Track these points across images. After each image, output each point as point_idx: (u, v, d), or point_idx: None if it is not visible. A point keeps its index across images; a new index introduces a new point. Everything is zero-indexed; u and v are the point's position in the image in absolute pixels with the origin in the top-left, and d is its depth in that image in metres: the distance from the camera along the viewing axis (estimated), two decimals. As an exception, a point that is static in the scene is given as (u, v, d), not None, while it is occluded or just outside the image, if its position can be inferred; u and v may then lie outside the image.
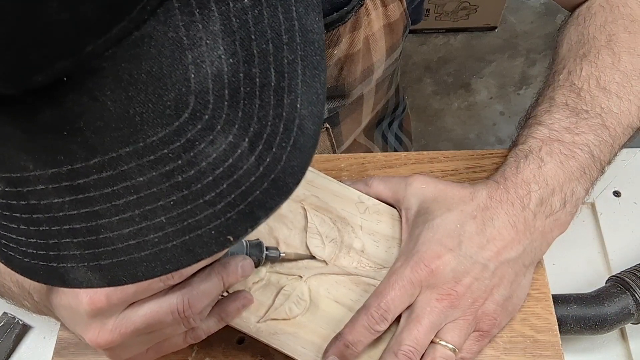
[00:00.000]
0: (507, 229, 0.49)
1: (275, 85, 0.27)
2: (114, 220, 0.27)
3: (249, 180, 0.27)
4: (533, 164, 0.51)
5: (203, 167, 0.26)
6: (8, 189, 0.27)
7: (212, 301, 0.43)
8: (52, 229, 0.27)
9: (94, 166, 0.26)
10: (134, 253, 0.27)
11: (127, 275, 0.28)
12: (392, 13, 0.64)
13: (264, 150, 0.27)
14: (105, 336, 0.40)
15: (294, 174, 0.28)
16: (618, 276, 0.57)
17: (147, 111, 0.25)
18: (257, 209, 0.27)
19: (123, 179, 0.26)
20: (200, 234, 0.27)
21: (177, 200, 0.26)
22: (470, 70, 1.88)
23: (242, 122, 0.26)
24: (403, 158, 0.62)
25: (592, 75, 0.54)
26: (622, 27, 0.56)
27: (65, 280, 0.28)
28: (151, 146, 0.25)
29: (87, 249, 0.27)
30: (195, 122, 0.26)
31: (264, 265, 0.53)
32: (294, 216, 0.55)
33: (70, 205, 0.27)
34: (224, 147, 0.26)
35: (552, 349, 0.51)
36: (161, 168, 0.26)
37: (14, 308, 0.61)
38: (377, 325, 0.48)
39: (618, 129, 0.53)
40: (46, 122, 0.25)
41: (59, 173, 0.26)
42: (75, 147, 0.25)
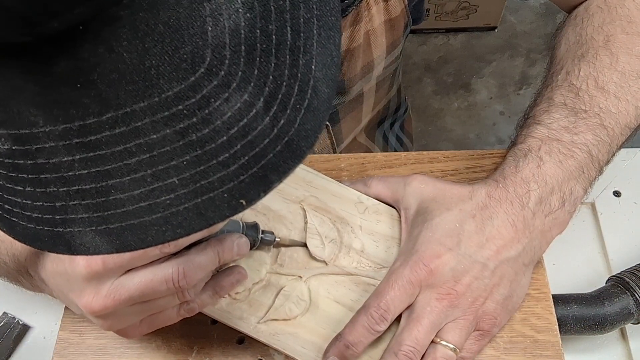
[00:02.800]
0: (507, 227, 0.49)
1: (291, 44, 0.26)
2: (125, 180, 0.26)
3: (263, 142, 0.26)
4: (532, 163, 0.51)
5: (218, 125, 0.25)
6: (15, 147, 0.26)
7: (206, 275, 0.43)
8: (59, 191, 0.26)
9: (106, 122, 0.25)
10: (144, 216, 0.26)
11: (137, 240, 0.27)
12: (393, 9, 0.64)
13: (279, 112, 0.26)
14: (99, 301, 0.39)
15: (307, 137, 0.27)
16: (618, 276, 0.57)
17: (163, 64, 0.24)
18: (270, 173, 0.26)
19: (136, 136, 0.25)
20: (212, 196, 0.26)
21: (190, 160, 0.25)
22: (470, 70, 1.88)
23: (258, 81, 0.26)
24: (403, 158, 0.62)
25: (590, 76, 0.54)
26: (620, 28, 0.56)
27: (72, 246, 0.27)
28: (166, 101, 0.25)
29: (95, 211, 0.26)
30: (211, 78, 0.25)
31: (259, 251, 0.53)
32: (294, 217, 0.56)
33: (80, 164, 0.25)
34: (239, 105, 0.25)
35: (552, 349, 0.51)
36: (175, 125, 0.25)
37: (14, 308, 0.61)
38: (377, 325, 0.48)
39: (616, 129, 0.53)
40: (60, 73, 0.24)
41: (70, 129, 0.25)
42: (89, 101, 0.24)
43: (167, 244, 0.39)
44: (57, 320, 0.56)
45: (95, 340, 0.53)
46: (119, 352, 0.53)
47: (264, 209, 0.55)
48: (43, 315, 0.62)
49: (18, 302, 0.62)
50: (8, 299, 0.62)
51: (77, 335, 0.54)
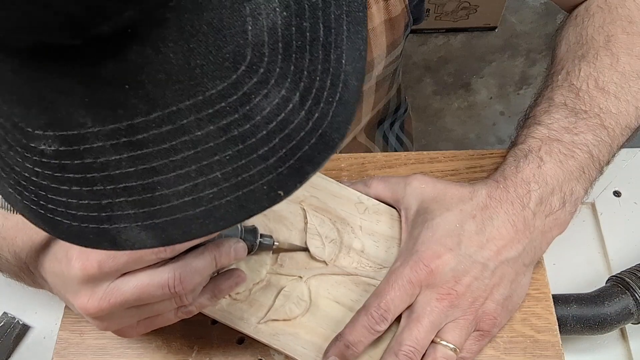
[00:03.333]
0: (507, 228, 0.49)
1: (323, 40, 0.27)
2: (170, 176, 0.26)
3: (299, 134, 0.27)
4: (533, 164, 0.51)
5: (257, 121, 0.26)
6: (62, 148, 0.26)
7: (203, 280, 0.43)
8: (106, 188, 0.27)
9: (153, 120, 0.26)
10: (188, 210, 0.27)
11: (181, 233, 0.27)
12: (394, 8, 0.64)
13: (313, 105, 0.27)
14: (94, 303, 0.40)
15: (339, 129, 0.28)
16: (618, 276, 0.57)
17: (207, 63, 0.25)
18: (306, 164, 0.27)
19: (182, 133, 0.26)
20: (252, 189, 0.27)
21: (232, 155, 0.26)
22: (470, 70, 1.88)
23: (294, 76, 0.27)
24: (403, 158, 0.62)
25: (590, 76, 0.54)
26: (621, 28, 0.56)
27: (117, 241, 0.28)
28: (210, 99, 0.26)
29: (142, 207, 0.27)
30: (252, 75, 0.26)
31: (258, 254, 0.53)
32: (294, 217, 0.56)
33: (127, 162, 0.26)
34: (277, 101, 0.26)
35: (552, 349, 0.51)
36: (219, 122, 0.26)
37: (14, 308, 0.61)
38: (377, 325, 0.48)
39: (616, 129, 0.53)
40: (108, 75, 0.25)
41: (118, 129, 0.26)
42: (136, 101, 0.25)
43: (163, 250, 0.39)
44: (57, 320, 0.56)
45: (95, 340, 0.53)
46: (119, 352, 0.53)
47: (264, 209, 0.55)
48: (43, 315, 0.62)
49: (18, 302, 0.62)
50: (8, 299, 0.62)
51: (77, 335, 0.54)
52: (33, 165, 0.27)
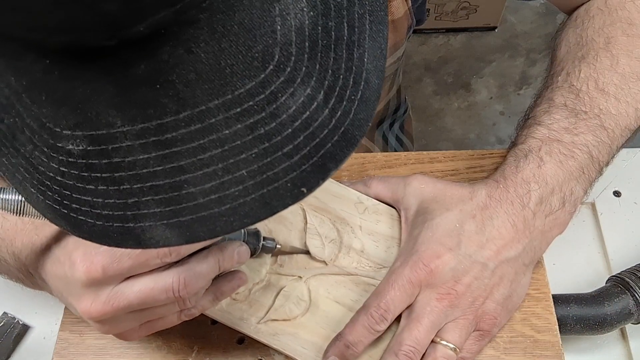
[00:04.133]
0: (507, 228, 0.49)
1: (347, 39, 0.28)
2: (197, 174, 0.27)
3: (323, 132, 0.27)
4: (533, 164, 0.51)
5: (283, 119, 0.27)
6: (90, 147, 0.27)
7: (206, 283, 0.43)
8: (133, 187, 0.27)
9: (183, 120, 0.26)
10: (214, 208, 0.27)
11: (206, 231, 0.28)
12: (396, 10, 0.64)
13: (336, 103, 0.28)
14: (97, 307, 0.40)
15: (360, 126, 0.28)
16: (618, 276, 0.57)
17: (237, 63, 0.26)
18: (328, 161, 0.28)
19: (210, 132, 0.26)
20: (277, 186, 0.27)
21: (258, 153, 0.27)
22: (470, 70, 1.88)
23: (319, 75, 0.27)
24: (403, 158, 0.62)
25: (590, 77, 0.54)
26: (620, 30, 0.57)
27: (141, 240, 0.28)
28: (238, 98, 0.26)
29: (168, 205, 0.27)
30: (279, 74, 0.26)
31: (260, 257, 0.53)
32: (293, 217, 0.56)
33: (155, 161, 0.26)
34: (303, 99, 0.27)
35: (552, 349, 0.51)
36: (246, 120, 0.26)
37: (14, 308, 0.61)
38: (377, 325, 0.48)
39: (616, 130, 0.53)
40: (140, 75, 0.25)
41: (148, 128, 0.26)
42: (167, 100, 0.26)
43: (167, 254, 0.39)
44: (57, 320, 0.56)
45: (95, 340, 0.53)
46: (118, 352, 0.53)
47: (264, 209, 0.55)
48: (43, 315, 0.62)
49: (18, 302, 0.62)
50: (8, 299, 0.62)
51: (77, 335, 0.54)
52: (59, 165, 0.27)
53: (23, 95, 0.27)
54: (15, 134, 0.28)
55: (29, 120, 0.27)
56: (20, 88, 0.26)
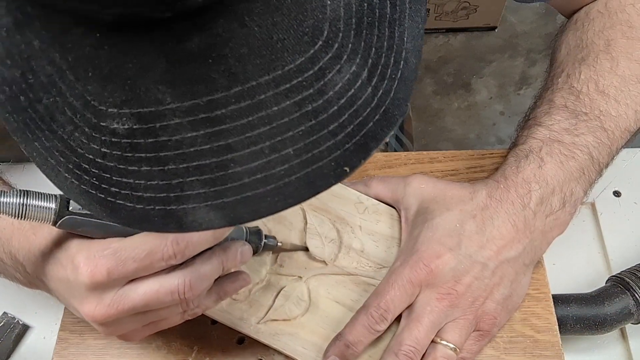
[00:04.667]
0: (507, 228, 0.49)
1: (389, 17, 0.28)
2: (244, 153, 0.26)
3: (366, 110, 0.27)
4: (533, 164, 0.51)
5: (330, 96, 0.26)
6: (137, 126, 0.26)
7: (210, 284, 0.43)
8: (179, 167, 0.27)
9: (233, 96, 0.25)
10: (259, 188, 0.27)
11: (250, 212, 0.27)
12: None
13: (378, 82, 0.28)
14: (102, 311, 0.40)
15: (399, 106, 0.28)
16: (618, 276, 0.57)
17: (289, 37, 0.25)
18: (370, 140, 0.28)
19: (259, 108, 0.26)
20: (321, 165, 0.27)
21: (304, 131, 0.26)
22: (470, 70, 1.88)
23: (364, 52, 0.27)
24: (403, 158, 0.62)
25: (590, 79, 0.54)
26: (620, 32, 0.57)
27: (183, 223, 0.28)
28: (288, 74, 0.26)
29: (213, 186, 0.27)
30: (327, 50, 0.26)
31: (260, 255, 0.53)
32: (293, 217, 0.55)
33: (203, 139, 0.26)
34: (348, 76, 0.27)
35: (552, 349, 0.51)
36: (295, 97, 0.26)
37: (14, 308, 0.61)
38: (377, 325, 0.48)
39: (616, 131, 0.53)
40: (193, 49, 0.25)
41: (198, 104, 0.25)
42: (218, 76, 0.25)
43: (173, 256, 0.39)
44: (57, 320, 0.55)
45: (95, 340, 0.53)
46: (118, 352, 0.53)
47: (264, 209, 0.55)
48: (43, 315, 0.62)
49: (18, 302, 0.62)
50: (8, 299, 0.62)
51: (77, 335, 0.54)
52: (100, 146, 0.27)
53: (67, 72, 0.26)
54: (54, 114, 0.27)
55: (71, 99, 0.26)
56: (64, 65, 0.26)
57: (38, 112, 0.27)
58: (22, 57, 0.26)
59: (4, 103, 0.27)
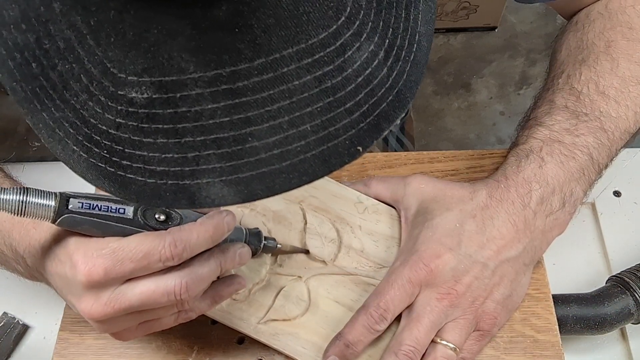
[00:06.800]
0: (507, 227, 0.49)
1: (406, 0, 0.28)
2: (263, 127, 0.26)
3: (380, 90, 0.27)
4: (534, 164, 0.51)
5: (349, 73, 0.26)
6: (156, 95, 0.26)
7: (207, 286, 0.43)
8: (196, 140, 0.26)
9: (256, 67, 0.25)
10: (275, 164, 0.27)
11: (264, 189, 0.27)
12: None
13: (394, 62, 0.28)
14: (98, 309, 0.40)
15: (411, 88, 0.28)
16: (618, 276, 0.57)
17: (314, 10, 0.25)
18: (382, 121, 0.28)
19: (281, 82, 0.26)
20: (336, 143, 0.27)
21: (323, 107, 0.26)
22: (470, 70, 1.88)
23: (382, 32, 0.27)
24: (403, 158, 0.62)
25: (591, 80, 0.55)
26: (621, 34, 0.57)
27: (195, 199, 0.27)
28: (311, 48, 0.26)
29: (229, 160, 0.27)
30: (349, 27, 0.26)
31: (260, 256, 0.53)
32: (293, 217, 0.55)
33: (223, 111, 0.26)
34: (367, 55, 0.27)
35: (552, 349, 0.51)
36: (316, 71, 0.26)
37: (14, 308, 0.61)
38: (376, 324, 0.48)
39: (616, 132, 0.53)
40: (221, 17, 0.24)
41: (221, 75, 0.25)
42: (243, 46, 0.25)
43: (170, 257, 0.39)
44: (57, 320, 0.55)
45: (95, 340, 0.53)
46: (118, 352, 0.53)
47: (263, 210, 0.55)
48: (43, 315, 0.62)
49: (18, 302, 0.62)
50: (8, 299, 0.62)
51: (77, 335, 0.54)
52: (116, 116, 0.26)
53: (88, 36, 0.25)
54: (68, 82, 0.26)
55: (89, 66, 0.26)
56: (86, 28, 0.25)
57: (50, 80, 0.26)
58: (39, 20, 0.25)
59: (12, 71, 0.27)
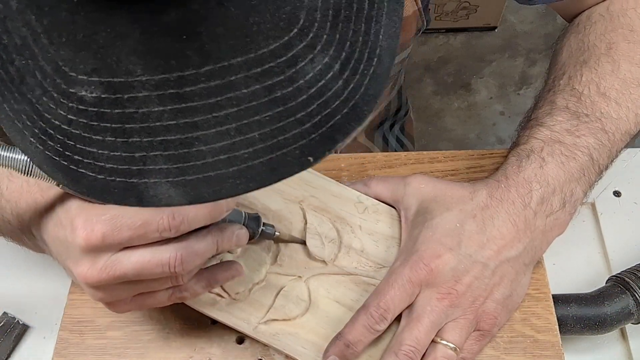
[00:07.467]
0: (508, 227, 0.50)
1: (367, 13, 0.28)
2: (210, 132, 0.27)
3: (335, 103, 0.28)
4: (535, 164, 0.51)
5: (300, 84, 0.27)
6: (105, 95, 0.26)
7: (202, 262, 0.43)
8: (143, 141, 0.27)
9: (204, 74, 0.26)
10: (222, 169, 0.27)
11: (211, 192, 0.28)
12: (405, 8, 0.64)
13: (350, 76, 0.28)
14: (93, 274, 0.40)
15: (369, 102, 0.29)
16: (618, 276, 0.57)
17: (265, 22, 0.26)
18: (336, 133, 0.28)
19: (228, 89, 0.26)
20: (285, 152, 0.27)
21: (272, 116, 0.27)
22: (470, 70, 1.88)
23: (338, 45, 0.27)
24: (403, 158, 0.62)
25: (592, 81, 0.55)
26: (622, 36, 0.57)
27: (143, 197, 0.28)
28: (261, 58, 0.26)
29: (176, 162, 0.27)
30: (302, 39, 0.26)
31: (258, 243, 0.53)
32: (293, 217, 0.56)
33: (170, 114, 0.26)
34: (320, 67, 0.27)
35: (552, 349, 0.51)
36: (265, 81, 0.26)
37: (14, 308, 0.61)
38: (376, 324, 0.48)
39: (616, 134, 0.53)
40: (168, 23, 0.25)
41: (167, 79, 0.26)
42: (191, 52, 0.25)
43: (167, 229, 0.40)
44: (57, 320, 0.55)
45: (95, 340, 0.53)
46: (118, 352, 0.53)
47: (263, 209, 0.55)
48: (43, 315, 0.62)
49: (18, 302, 0.62)
50: (8, 299, 0.62)
51: (77, 335, 0.54)
52: (67, 112, 0.27)
53: (42, 35, 0.26)
54: (25, 77, 0.27)
55: (43, 63, 0.26)
56: (39, 28, 0.26)
57: (9, 73, 0.27)
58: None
59: None
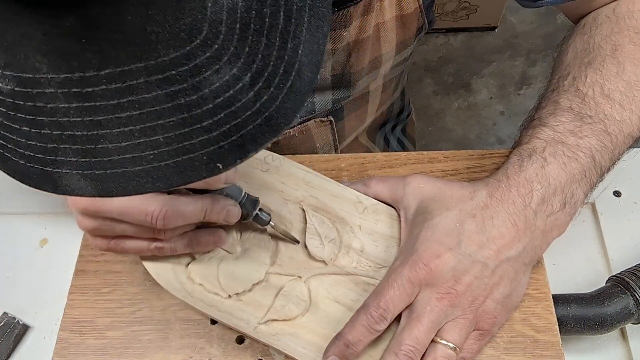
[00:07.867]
0: (508, 227, 0.49)
1: (282, 28, 0.29)
2: (114, 132, 0.28)
3: (245, 113, 0.29)
4: (536, 164, 0.51)
5: (205, 93, 0.28)
6: (17, 88, 0.28)
7: (186, 225, 0.45)
8: (53, 133, 0.28)
9: (104, 76, 0.27)
10: (128, 167, 0.29)
11: (118, 188, 0.29)
12: (406, 5, 0.64)
13: (263, 88, 0.29)
14: (83, 201, 0.44)
15: (286, 115, 0.30)
16: (618, 276, 0.57)
17: (163, 31, 0.26)
18: (248, 142, 0.29)
19: (130, 92, 0.27)
20: (192, 157, 0.29)
21: (176, 122, 0.28)
22: (470, 70, 1.88)
23: (247, 58, 0.28)
24: (403, 158, 0.62)
25: (596, 83, 0.55)
26: (628, 38, 0.57)
27: (58, 185, 0.30)
28: (161, 65, 0.27)
29: (84, 157, 0.29)
30: (205, 50, 0.27)
31: (252, 226, 0.53)
32: (293, 217, 0.56)
33: (75, 112, 0.28)
34: (227, 78, 0.28)
35: (552, 349, 0.51)
36: (167, 88, 0.27)
37: (14, 308, 0.61)
38: (376, 324, 0.48)
39: (619, 136, 0.53)
40: (68, 27, 0.26)
41: (70, 79, 0.27)
42: (91, 55, 0.26)
43: None
44: (57, 320, 0.56)
45: (95, 340, 0.53)
46: (118, 352, 0.53)
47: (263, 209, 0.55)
48: (43, 315, 0.62)
49: (18, 302, 0.62)
50: (8, 299, 0.62)
51: (77, 335, 0.54)
52: None
53: None
54: None
55: None
56: None
57: None
58: None
59: None
